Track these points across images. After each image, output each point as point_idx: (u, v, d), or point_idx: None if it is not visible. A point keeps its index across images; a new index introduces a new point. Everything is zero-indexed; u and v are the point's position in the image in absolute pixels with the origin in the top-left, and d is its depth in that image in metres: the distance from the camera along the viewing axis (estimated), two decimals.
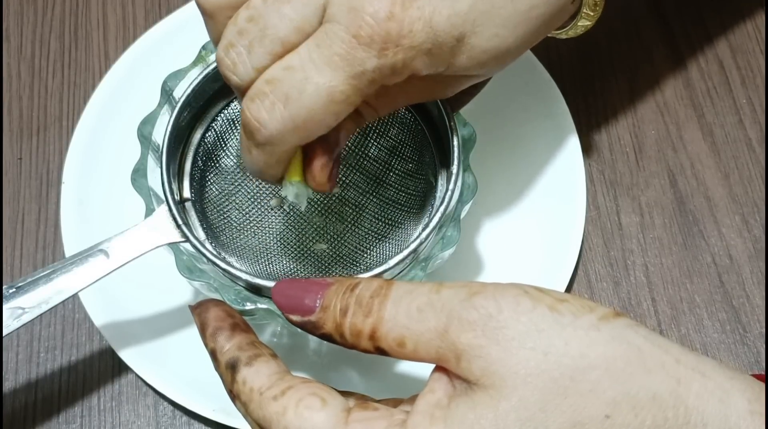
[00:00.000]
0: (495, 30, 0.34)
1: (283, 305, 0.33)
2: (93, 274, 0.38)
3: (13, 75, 0.55)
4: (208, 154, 0.43)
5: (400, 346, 0.30)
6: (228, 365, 0.33)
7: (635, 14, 0.55)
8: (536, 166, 0.49)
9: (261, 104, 0.32)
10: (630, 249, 0.49)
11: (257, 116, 0.32)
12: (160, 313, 0.46)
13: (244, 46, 0.33)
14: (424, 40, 0.32)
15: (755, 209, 0.50)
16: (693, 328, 0.47)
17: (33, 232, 0.50)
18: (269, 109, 0.32)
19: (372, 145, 0.44)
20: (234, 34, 0.33)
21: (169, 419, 0.46)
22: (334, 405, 0.30)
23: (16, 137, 0.53)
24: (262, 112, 0.32)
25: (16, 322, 0.37)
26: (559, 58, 0.54)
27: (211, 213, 0.43)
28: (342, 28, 0.31)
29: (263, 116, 0.32)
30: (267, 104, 0.32)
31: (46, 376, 0.47)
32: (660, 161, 0.51)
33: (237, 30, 0.33)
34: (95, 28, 0.56)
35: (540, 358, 0.27)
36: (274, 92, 0.32)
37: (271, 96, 0.32)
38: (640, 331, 0.28)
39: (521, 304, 0.28)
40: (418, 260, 0.39)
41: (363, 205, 0.44)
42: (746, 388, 0.28)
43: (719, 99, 0.53)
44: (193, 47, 0.42)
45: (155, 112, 0.41)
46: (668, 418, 0.27)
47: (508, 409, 0.27)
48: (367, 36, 0.31)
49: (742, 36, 0.54)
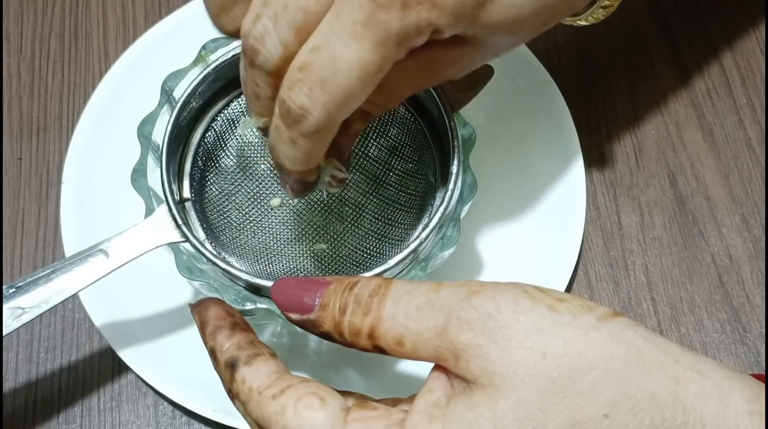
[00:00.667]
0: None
1: (283, 304, 0.33)
2: (93, 274, 0.38)
3: (13, 75, 0.55)
4: (208, 154, 0.43)
5: (399, 345, 0.30)
6: (227, 364, 0.33)
7: (635, 14, 0.55)
8: (536, 166, 0.49)
9: (301, 91, 0.31)
10: (630, 249, 0.49)
11: (300, 103, 0.31)
12: (160, 313, 0.46)
13: (270, 17, 0.31)
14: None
15: (755, 209, 0.50)
16: (693, 328, 0.47)
17: (33, 232, 0.50)
18: (309, 95, 0.31)
19: (372, 145, 0.44)
20: (259, 4, 0.32)
21: (169, 419, 0.46)
22: (333, 404, 0.30)
23: (16, 137, 0.53)
24: (303, 98, 0.31)
25: (16, 322, 0.37)
26: (559, 58, 0.54)
27: (211, 213, 0.43)
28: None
29: (306, 102, 0.31)
30: (306, 91, 0.31)
31: (46, 376, 0.47)
32: (660, 161, 0.51)
33: (262, 1, 0.32)
34: (95, 28, 0.56)
35: (539, 357, 0.27)
36: (309, 77, 0.31)
37: (308, 82, 0.31)
38: (639, 331, 0.28)
39: (520, 304, 0.28)
40: (417, 260, 0.39)
41: (363, 205, 0.44)
42: (745, 388, 0.28)
43: (719, 99, 0.53)
44: (193, 47, 0.42)
45: (155, 112, 0.41)
46: (666, 419, 0.27)
47: (506, 409, 0.27)
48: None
49: (742, 36, 0.54)
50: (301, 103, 0.31)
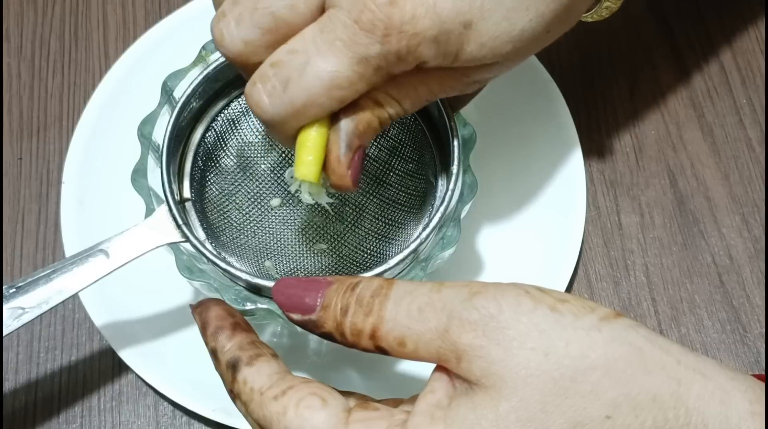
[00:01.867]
0: (505, 13, 0.33)
1: (284, 304, 0.33)
2: (93, 274, 0.38)
3: (13, 75, 0.55)
4: (208, 154, 0.43)
5: (401, 345, 0.30)
6: (229, 365, 0.33)
7: (635, 14, 0.55)
8: (536, 166, 0.49)
9: (262, 87, 0.32)
10: (630, 249, 0.49)
11: (257, 100, 0.33)
12: (160, 313, 0.46)
13: (234, 17, 0.32)
14: (429, 27, 0.31)
15: (755, 209, 0.50)
16: (693, 328, 0.47)
17: (33, 232, 0.50)
18: (269, 92, 0.32)
19: (372, 145, 0.44)
20: (228, 3, 0.33)
21: (169, 419, 0.46)
22: (334, 405, 0.30)
23: (16, 137, 0.53)
24: (262, 95, 0.32)
25: (16, 322, 0.37)
26: (559, 58, 0.54)
27: (211, 213, 0.43)
28: (344, 12, 0.31)
29: (263, 100, 0.32)
30: (268, 87, 0.32)
31: (46, 376, 0.47)
32: (660, 161, 0.51)
33: (232, 0, 0.33)
34: (95, 28, 0.56)
35: (541, 358, 0.27)
36: (276, 75, 0.32)
37: (273, 79, 0.32)
38: (641, 331, 0.28)
39: (522, 305, 0.28)
40: (418, 260, 0.39)
41: (363, 205, 0.44)
42: (747, 388, 0.28)
43: (719, 99, 0.53)
44: (193, 47, 0.42)
45: (155, 112, 0.41)
46: (669, 419, 0.27)
47: (508, 410, 0.27)
48: (369, 21, 0.31)
49: (742, 36, 0.54)
50: (257, 100, 0.33)
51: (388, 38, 0.31)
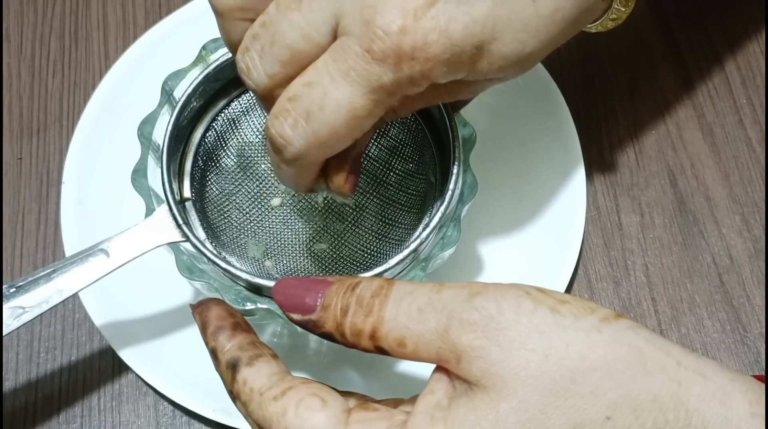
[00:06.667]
0: (515, 35, 0.33)
1: (284, 304, 0.33)
2: (93, 274, 0.38)
3: (13, 75, 0.55)
4: (209, 154, 0.43)
5: (401, 346, 0.30)
6: (229, 365, 0.33)
7: (635, 15, 0.55)
8: (536, 165, 0.49)
9: (284, 122, 0.32)
10: (630, 249, 0.49)
11: (281, 133, 0.33)
12: (160, 313, 0.46)
13: (257, 51, 0.33)
14: (441, 51, 0.31)
15: (755, 209, 0.50)
16: (693, 328, 0.47)
17: (33, 232, 0.50)
18: (292, 125, 0.32)
19: (372, 145, 0.44)
20: (249, 38, 0.33)
21: (169, 419, 0.46)
22: (334, 405, 0.30)
23: (16, 137, 0.53)
24: (286, 129, 0.32)
25: (16, 321, 0.37)
26: (559, 58, 0.53)
27: (212, 213, 0.43)
28: (355, 41, 0.31)
29: (287, 133, 0.32)
30: (290, 121, 0.32)
31: (46, 376, 0.47)
32: (660, 161, 0.51)
33: (252, 34, 0.33)
34: (95, 28, 0.56)
35: (541, 359, 0.27)
36: (296, 109, 0.32)
37: (293, 113, 0.32)
38: (641, 332, 0.28)
39: (522, 306, 0.28)
40: (418, 260, 0.39)
41: (363, 205, 0.44)
42: (747, 389, 0.28)
43: (719, 99, 0.53)
44: (193, 47, 0.42)
45: (155, 112, 0.41)
46: (669, 421, 0.27)
47: (508, 411, 0.27)
48: (380, 51, 0.31)
49: (742, 36, 0.54)
50: (282, 133, 0.33)
51: (400, 66, 0.31)
